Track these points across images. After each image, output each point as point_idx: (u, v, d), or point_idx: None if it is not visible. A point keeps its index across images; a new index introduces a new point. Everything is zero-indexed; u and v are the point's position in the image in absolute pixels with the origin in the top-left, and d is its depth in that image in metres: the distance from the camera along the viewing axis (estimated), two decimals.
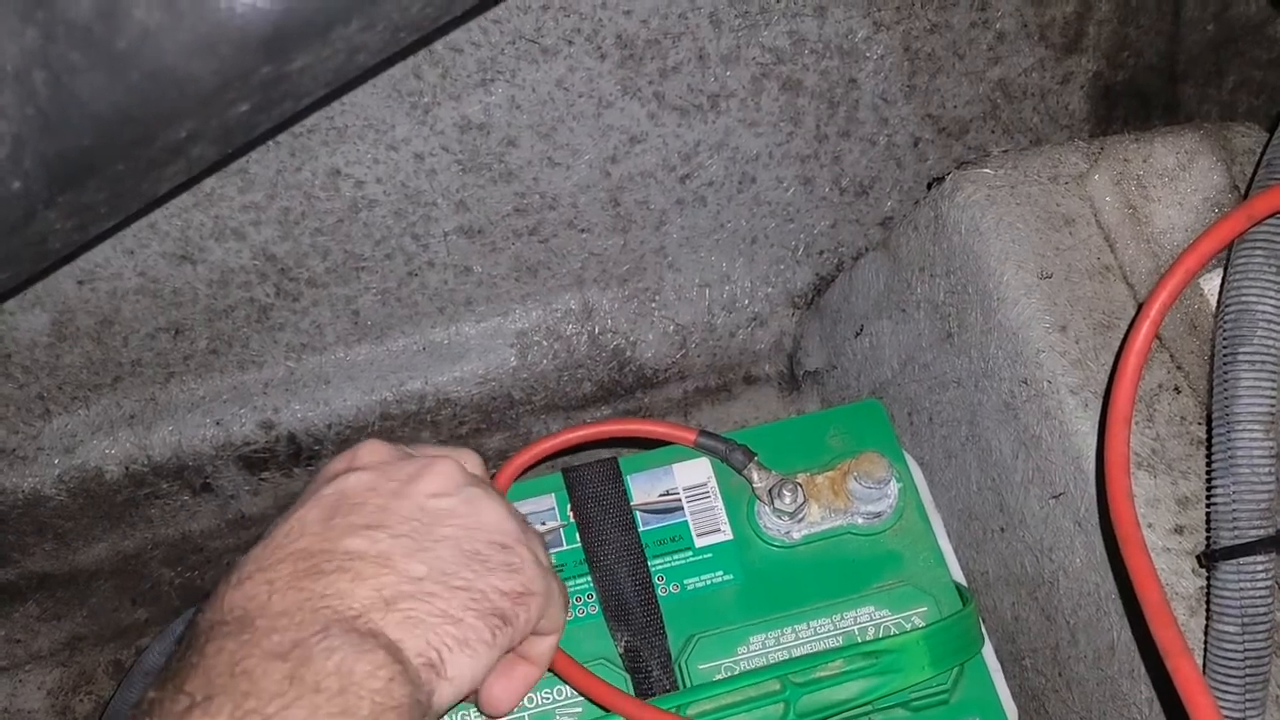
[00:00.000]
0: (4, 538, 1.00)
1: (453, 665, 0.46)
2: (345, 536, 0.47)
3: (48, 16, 0.41)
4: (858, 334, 0.95)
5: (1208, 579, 0.60)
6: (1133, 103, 0.99)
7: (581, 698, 0.63)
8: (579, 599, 0.67)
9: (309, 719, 0.40)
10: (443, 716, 0.48)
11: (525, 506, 0.70)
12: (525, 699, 0.63)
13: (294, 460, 1.02)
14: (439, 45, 0.80)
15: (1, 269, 0.50)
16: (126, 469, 0.98)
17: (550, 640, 0.56)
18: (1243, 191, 0.73)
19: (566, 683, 0.62)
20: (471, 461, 0.59)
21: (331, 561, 0.46)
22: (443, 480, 0.52)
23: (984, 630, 0.67)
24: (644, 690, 0.64)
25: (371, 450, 0.54)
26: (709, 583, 0.68)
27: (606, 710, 0.61)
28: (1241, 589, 0.58)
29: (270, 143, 0.81)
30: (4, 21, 0.41)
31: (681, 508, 0.70)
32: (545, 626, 0.54)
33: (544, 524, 0.69)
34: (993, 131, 0.98)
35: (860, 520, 0.69)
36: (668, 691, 0.64)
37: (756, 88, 0.89)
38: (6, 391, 0.93)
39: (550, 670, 0.60)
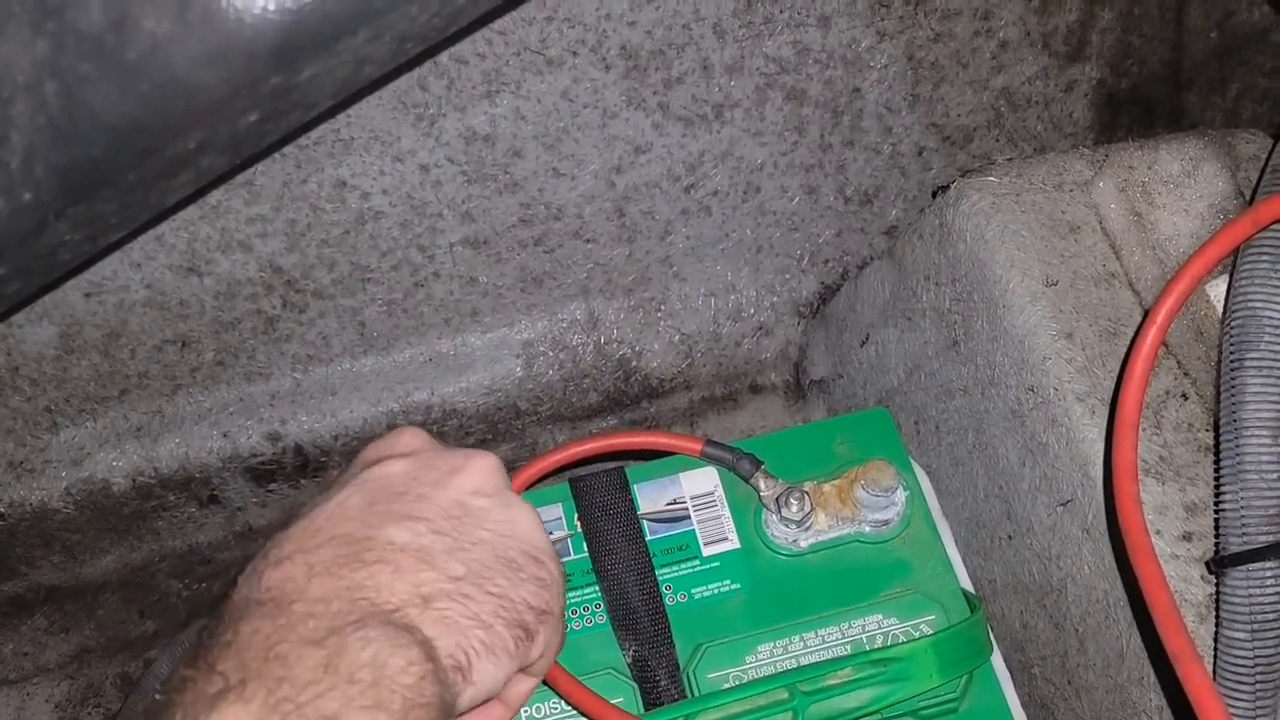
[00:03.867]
0: (12, 550, 1.00)
1: (478, 670, 0.46)
2: (387, 524, 0.47)
3: (58, 27, 0.41)
4: (863, 343, 0.95)
5: (1217, 585, 0.60)
6: (1137, 110, 1.00)
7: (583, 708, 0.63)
8: (586, 608, 0.68)
9: (341, 710, 0.40)
10: None
11: None
12: (526, 709, 0.63)
13: (301, 472, 1.02)
14: (444, 57, 0.80)
15: (12, 280, 0.50)
16: (134, 481, 0.98)
17: (531, 683, 0.55)
18: (1248, 198, 0.73)
19: (554, 690, 0.62)
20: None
21: (373, 551, 0.46)
22: (483, 478, 0.52)
23: (992, 638, 0.67)
24: (652, 700, 0.64)
25: (412, 437, 0.54)
26: (716, 591, 0.68)
27: None
28: (1251, 595, 0.57)
29: (276, 155, 0.82)
30: (15, 33, 0.41)
31: (689, 517, 0.70)
32: (537, 665, 0.52)
33: (551, 534, 0.69)
34: (997, 140, 0.98)
35: (868, 528, 0.69)
36: (675, 701, 0.63)
37: (761, 98, 0.90)
38: (14, 404, 0.93)
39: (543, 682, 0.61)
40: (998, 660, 0.67)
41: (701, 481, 0.72)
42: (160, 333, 0.91)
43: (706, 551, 0.69)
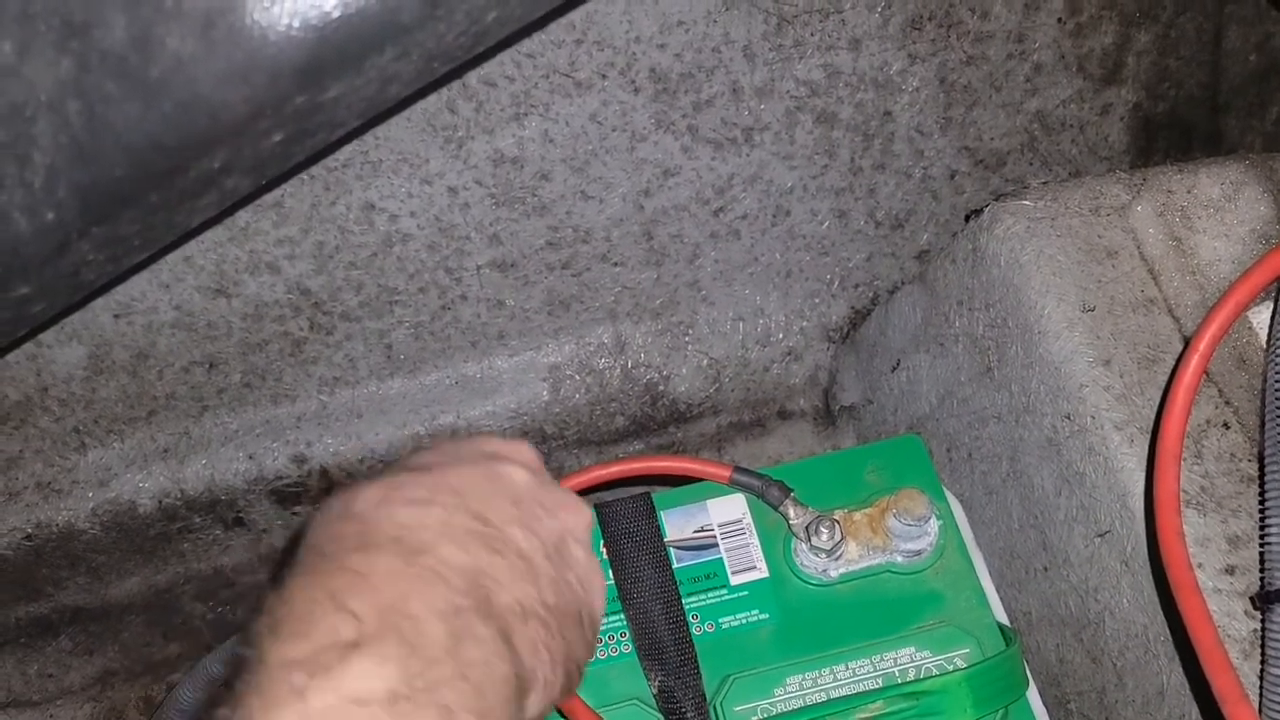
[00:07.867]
0: (38, 571, 1.00)
1: (531, 704, 0.44)
2: (510, 524, 0.46)
3: (82, 46, 0.41)
4: (894, 368, 0.94)
5: (1262, 621, 0.58)
6: (1174, 134, 0.98)
7: None
8: (612, 637, 0.66)
9: (455, 708, 0.37)
10: None
11: None
12: None
13: (326, 494, 1.01)
14: (473, 79, 0.80)
15: (36, 301, 0.50)
16: (160, 503, 0.98)
17: None
18: None
19: None
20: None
21: (496, 542, 0.45)
22: (581, 529, 0.51)
23: (1028, 672, 0.65)
24: None
25: (531, 454, 0.53)
26: (745, 621, 0.67)
27: None
28: None
29: (305, 176, 0.82)
30: (40, 52, 0.41)
31: (716, 544, 0.69)
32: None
33: None
34: (1031, 164, 0.97)
35: (900, 558, 0.67)
36: None
37: (790, 121, 0.89)
38: (43, 425, 0.93)
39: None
40: (1033, 695, 0.66)
41: (729, 509, 0.71)
42: (188, 354, 0.91)
43: (734, 580, 0.68)
